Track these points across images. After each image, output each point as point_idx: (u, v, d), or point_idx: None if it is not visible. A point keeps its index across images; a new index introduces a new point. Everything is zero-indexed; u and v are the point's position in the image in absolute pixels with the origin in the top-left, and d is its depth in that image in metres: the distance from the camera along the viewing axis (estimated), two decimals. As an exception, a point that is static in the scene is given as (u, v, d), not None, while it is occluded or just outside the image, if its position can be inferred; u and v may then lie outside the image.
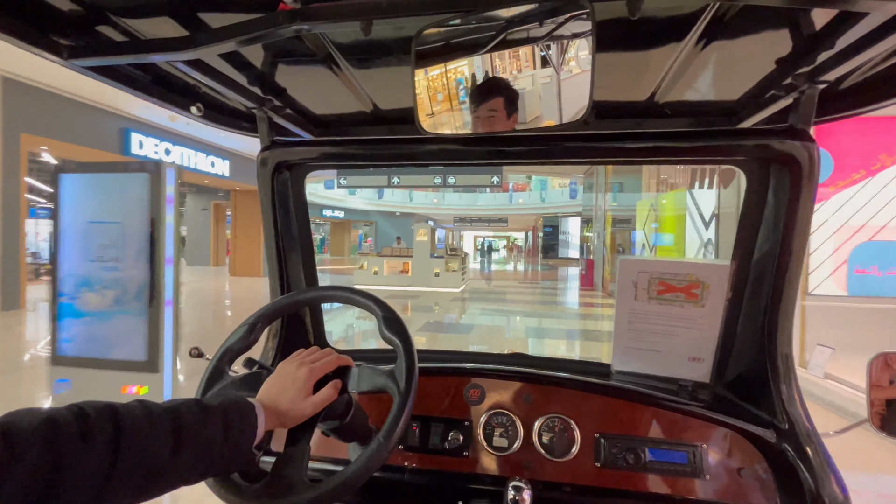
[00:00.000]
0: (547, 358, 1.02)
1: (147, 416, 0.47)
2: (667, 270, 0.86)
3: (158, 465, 0.45)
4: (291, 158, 0.92)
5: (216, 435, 0.51)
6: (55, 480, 0.38)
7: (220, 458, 0.51)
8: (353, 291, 0.74)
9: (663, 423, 0.82)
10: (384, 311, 0.70)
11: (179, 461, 0.47)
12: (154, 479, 0.45)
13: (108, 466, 0.41)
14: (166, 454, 0.46)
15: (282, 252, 0.99)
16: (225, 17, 0.62)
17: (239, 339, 0.71)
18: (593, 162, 0.89)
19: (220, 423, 0.51)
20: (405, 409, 0.59)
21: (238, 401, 0.56)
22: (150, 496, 0.46)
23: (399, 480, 0.84)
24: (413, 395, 0.61)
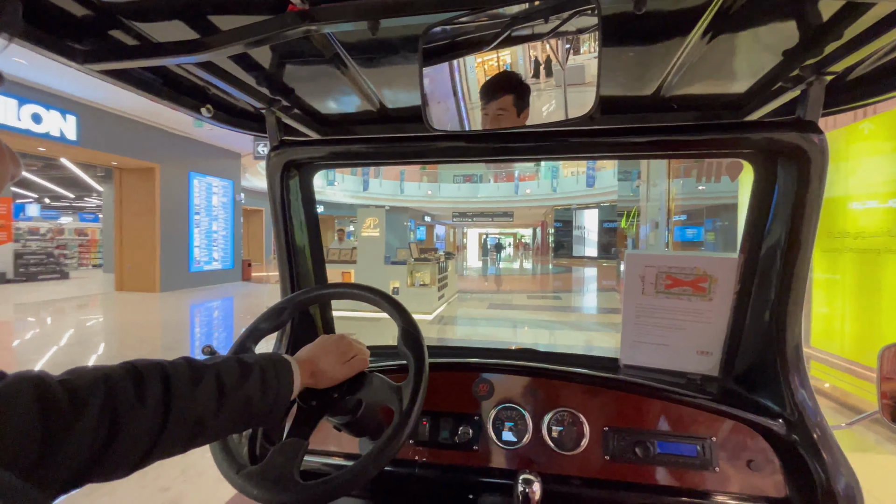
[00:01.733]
0: (555, 353, 1.04)
1: (193, 375, 0.50)
2: (674, 264, 0.87)
3: (204, 421, 0.49)
4: (300, 158, 0.94)
5: (255, 390, 0.54)
6: (112, 435, 0.41)
7: (260, 411, 0.55)
8: (381, 295, 0.76)
9: (672, 417, 0.83)
10: (405, 324, 0.72)
11: (223, 416, 0.51)
12: (200, 433, 0.49)
13: (160, 423, 0.45)
14: (211, 410, 0.50)
15: (291, 250, 1.01)
16: (234, 19, 0.63)
17: (267, 320, 0.75)
18: (600, 157, 0.90)
19: (259, 379, 0.55)
20: (401, 431, 0.60)
21: (275, 357, 0.60)
22: (195, 446, 0.50)
23: (409, 475, 0.86)
24: (414, 418, 0.62)
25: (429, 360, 0.68)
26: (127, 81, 0.74)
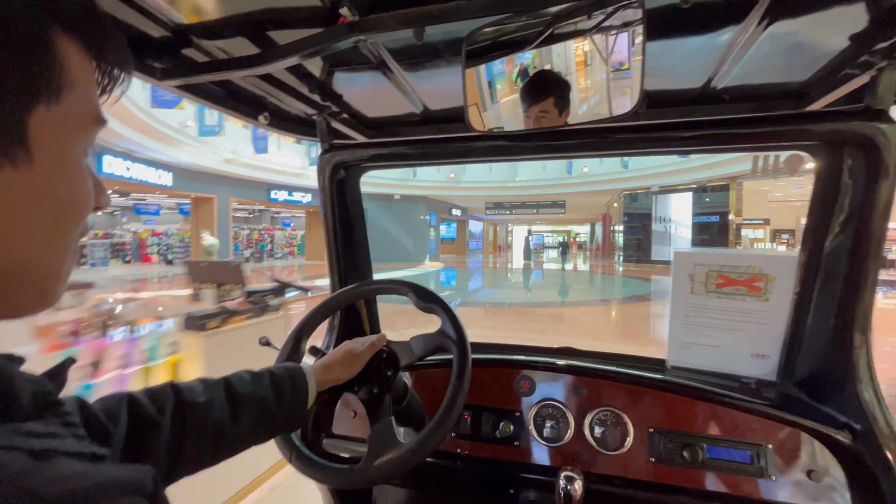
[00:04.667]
0: (597, 352, 1.03)
1: (203, 386, 0.55)
2: (726, 263, 0.84)
3: (223, 427, 0.53)
4: (348, 160, 1.00)
5: (268, 396, 0.59)
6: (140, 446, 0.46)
7: (279, 416, 0.59)
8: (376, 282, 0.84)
9: (723, 421, 0.81)
10: (412, 287, 0.78)
11: (242, 422, 0.55)
12: (224, 441, 0.53)
13: (180, 433, 0.49)
14: (227, 416, 0.54)
15: (339, 247, 1.07)
16: (290, 33, 0.69)
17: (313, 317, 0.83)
18: (646, 153, 0.89)
19: (269, 385, 0.60)
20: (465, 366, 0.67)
21: (286, 365, 0.65)
22: (224, 455, 0.54)
23: (452, 466, 0.89)
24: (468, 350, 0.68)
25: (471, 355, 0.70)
26: (196, 94, 0.82)
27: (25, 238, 0.25)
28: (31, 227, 0.25)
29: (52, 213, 0.26)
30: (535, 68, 0.76)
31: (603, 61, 0.72)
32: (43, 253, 0.27)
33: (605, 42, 0.71)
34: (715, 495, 0.77)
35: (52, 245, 0.27)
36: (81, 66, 0.27)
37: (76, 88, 0.26)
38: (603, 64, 0.72)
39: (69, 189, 0.27)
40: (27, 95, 0.24)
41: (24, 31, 0.23)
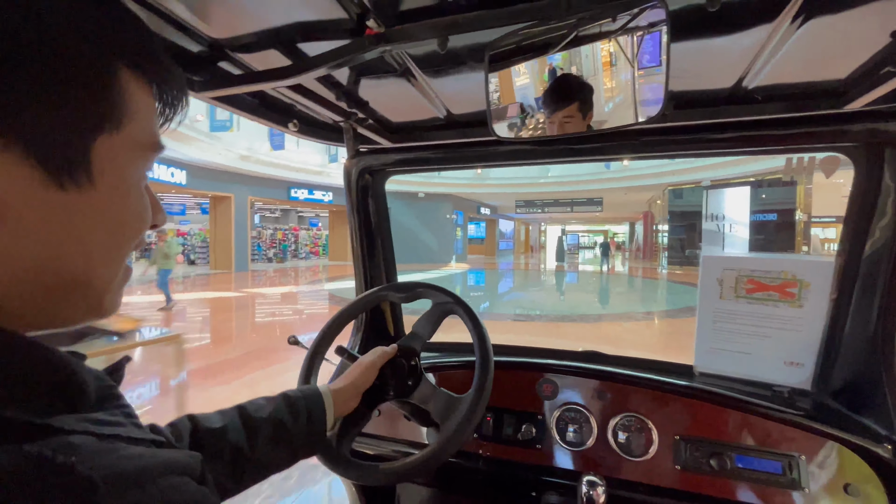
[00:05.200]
0: (622, 357, 1.08)
1: (219, 414, 0.61)
2: (757, 268, 0.88)
3: (242, 450, 0.58)
4: (374, 165, 1.09)
5: (284, 418, 0.63)
6: None
7: (297, 438, 0.64)
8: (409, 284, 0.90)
9: (754, 430, 0.84)
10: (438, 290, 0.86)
11: (260, 443, 0.59)
12: (244, 464, 0.57)
13: None
14: (243, 441, 0.58)
15: (365, 250, 1.17)
16: (318, 45, 0.78)
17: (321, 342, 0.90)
18: (673, 155, 0.93)
19: (285, 407, 0.65)
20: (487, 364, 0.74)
21: (303, 387, 0.71)
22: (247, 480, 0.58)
23: (474, 468, 0.96)
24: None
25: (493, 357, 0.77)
26: (231, 104, 0.93)
27: (85, 254, 0.30)
28: (90, 243, 0.30)
29: (109, 232, 0.31)
30: (558, 72, 0.82)
31: (628, 64, 0.77)
32: (100, 267, 0.31)
33: (629, 44, 0.76)
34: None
35: (108, 260, 0.32)
36: (141, 97, 0.31)
37: (136, 118, 0.31)
38: (628, 66, 0.77)
39: (127, 209, 0.32)
40: (92, 125, 0.28)
41: (91, 67, 0.28)
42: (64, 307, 0.30)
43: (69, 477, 0.22)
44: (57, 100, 0.26)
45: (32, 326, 0.29)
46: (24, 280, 0.27)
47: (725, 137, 0.88)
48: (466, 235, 26.20)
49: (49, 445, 0.23)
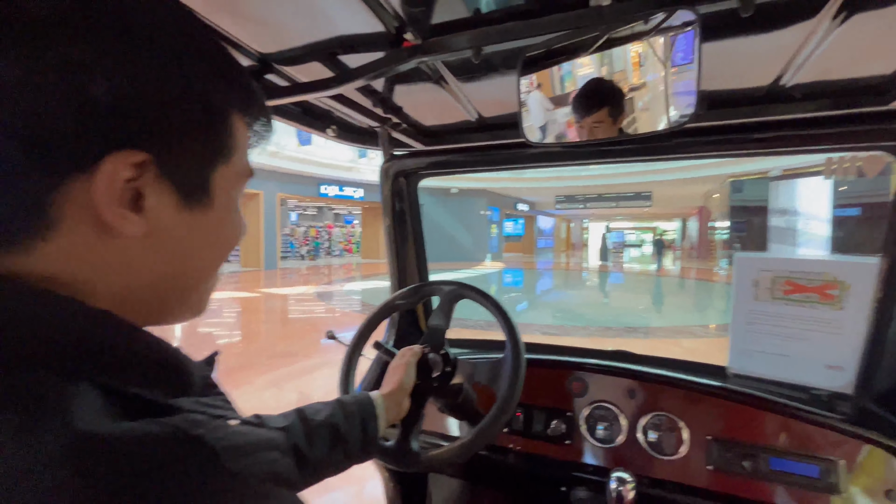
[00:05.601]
0: (652, 357, 1.13)
1: (281, 416, 0.68)
2: (796, 269, 0.91)
3: (302, 452, 0.61)
4: (407, 167, 1.19)
5: (339, 423, 0.69)
6: None
7: (353, 443, 0.70)
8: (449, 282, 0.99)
9: (790, 433, 0.88)
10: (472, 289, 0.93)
11: (317, 447, 0.65)
12: (303, 465, 0.63)
13: None
14: (304, 441, 0.64)
15: (400, 250, 1.27)
16: (359, 56, 0.88)
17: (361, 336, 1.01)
18: (708, 156, 0.98)
19: (340, 411, 0.72)
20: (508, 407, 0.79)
21: (356, 394, 0.79)
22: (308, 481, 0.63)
23: (504, 462, 1.04)
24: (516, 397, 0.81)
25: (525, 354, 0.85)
26: (275, 113, 1.04)
27: (199, 264, 0.38)
28: (204, 255, 0.38)
29: (218, 245, 0.39)
30: (588, 76, 0.88)
31: (659, 66, 0.83)
32: (206, 274, 0.40)
33: (661, 46, 0.81)
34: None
35: (213, 268, 0.40)
36: (242, 133, 0.39)
37: (238, 151, 0.39)
38: (659, 68, 0.82)
39: (232, 226, 0.40)
40: (212, 159, 0.36)
41: (215, 115, 0.36)
42: (174, 308, 0.38)
43: (199, 446, 0.28)
44: (192, 140, 0.34)
45: (146, 323, 0.35)
46: (153, 285, 0.35)
47: (763, 137, 0.91)
48: (502, 232, 26.09)
49: (181, 420, 0.29)
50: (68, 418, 0.24)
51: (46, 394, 0.25)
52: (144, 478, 0.24)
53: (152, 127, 0.31)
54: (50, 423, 0.24)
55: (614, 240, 31.03)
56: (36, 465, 0.22)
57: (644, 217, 35.98)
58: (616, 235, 32.50)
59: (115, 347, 0.30)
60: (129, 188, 0.30)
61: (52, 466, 0.22)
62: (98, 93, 0.28)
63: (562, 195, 22.72)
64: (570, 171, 18.70)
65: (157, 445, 0.26)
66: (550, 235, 37.46)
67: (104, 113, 0.28)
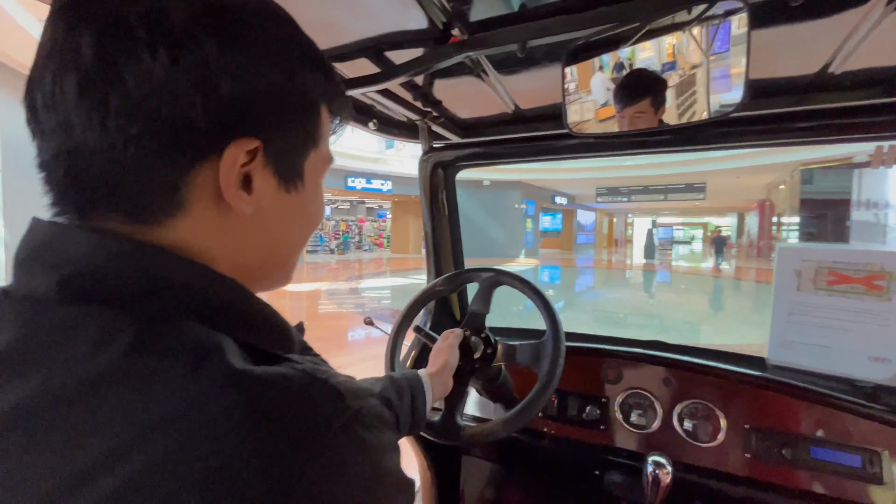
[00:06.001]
0: (687, 346, 1.18)
1: None
2: (840, 259, 0.95)
3: None
4: (446, 159, 1.29)
5: (392, 397, 0.76)
6: None
7: (402, 417, 0.78)
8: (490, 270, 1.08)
9: (832, 424, 0.92)
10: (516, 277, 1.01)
11: None
12: None
13: None
14: None
15: (437, 239, 1.38)
16: (403, 52, 0.96)
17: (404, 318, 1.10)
18: (750, 146, 1.02)
19: (391, 386, 0.80)
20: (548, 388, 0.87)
21: (405, 371, 0.89)
22: None
23: (538, 445, 1.13)
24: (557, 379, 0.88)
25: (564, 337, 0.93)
26: None
27: (292, 240, 0.45)
28: (296, 233, 0.45)
29: (306, 224, 0.46)
30: (631, 66, 0.93)
31: (703, 54, 0.87)
32: (294, 248, 0.46)
33: (706, 35, 0.85)
34: (819, 497, 0.89)
35: (299, 243, 0.47)
36: (327, 123, 0.45)
37: (324, 139, 0.45)
38: (704, 57, 0.87)
39: (317, 206, 0.47)
40: (307, 145, 0.42)
41: (310, 107, 0.42)
42: (270, 278, 0.46)
43: (326, 385, 0.33)
44: (292, 129, 0.40)
45: None
46: (258, 257, 0.42)
47: (809, 126, 0.94)
48: (538, 227, 25.83)
49: (307, 366, 0.35)
50: (225, 359, 0.31)
51: (205, 340, 0.32)
52: (290, 404, 0.31)
53: (264, 117, 0.37)
54: (213, 361, 0.30)
55: (662, 236, 30.34)
56: (211, 390, 0.29)
57: (694, 212, 34.81)
58: (664, 231, 31.73)
59: (243, 309, 0.37)
60: (242, 172, 0.37)
61: (222, 392, 0.29)
62: (225, 89, 0.34)
63: (603, 187, 22.06)
64: (613, 161, 17.58)
65: (295, 382, 0.32)
66: (591, 231, 36.94)
67: (229, 106, 0.34)
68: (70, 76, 0.31)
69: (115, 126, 0.32)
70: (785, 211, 18.08)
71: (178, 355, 0.30)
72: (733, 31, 0.77)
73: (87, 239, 0.33)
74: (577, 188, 24.17)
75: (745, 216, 29.22)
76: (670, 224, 37.26)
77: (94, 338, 0.30)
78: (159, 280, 0.33)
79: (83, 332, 0.30)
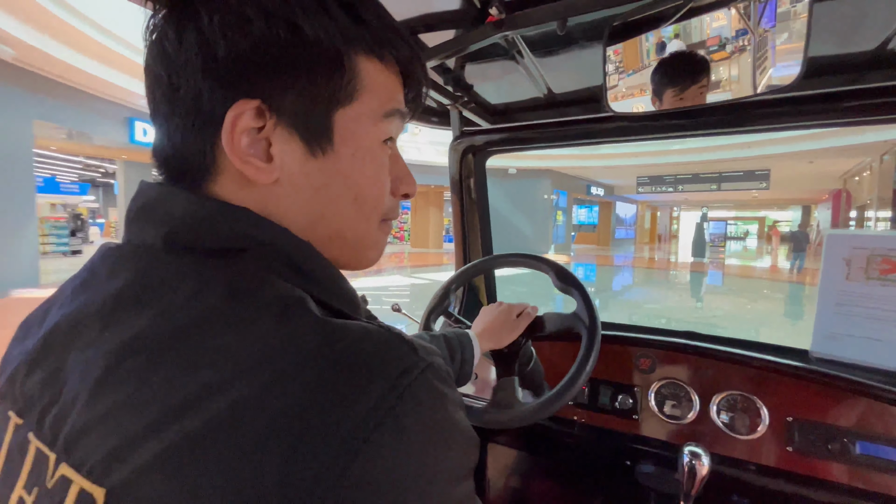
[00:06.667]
0: (723, 338, 1.23)
1: None
2: (893, 246, 0.99)
3: None
4: (477, 144, 1.38)
5: (445, 356, 0.92)
6: None
7: (452, 371, 0.90)
8: (524, 256, 1.15)
9: (882, 418, 0.96)
10: (555, 267, 1.07)
11: None
12: None
13: None
14: None
15: (466, 225, 1.47)
16: (438, 35, 1.00)
17: (438, 303, 1.18)
18: (803, 126, 1.06)
19: (445, 347, 0.94)
20: (594, 338, 0.94)
21: (456, 330, 1.00)
22: None
23: (569, 433, 1.20)
24: (599, 328, 0.96)
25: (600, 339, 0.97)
26: None
27: (336, 212, 0.44)
28: (338, 203, 0.44)
29: (352, 194, 0.45)
30: (676, 44, 0.97)
31: (753, 31, 0.86)
32: (350, 225, 0.46)
33: (754, 10, 0.87)
34: (866, 494, 0.93)
35: (357, 219, 0.46)
36: (377, 76, 0.44)
37: (370, 93, 0.43)
38: (753, 34, 0.86)
39: (363, 174, 0.45)
40: (333, 100, 0.41)
41: (328, 57, 0.40)
42: (335, 254, 0.46)
43: (402, 340, 0.37)
44: (306, 83, 0.40)
45: None
46: (308, 232, 0.43)
47: (864, 104, 0.97)
48: (571, 220, 25.40)
49: (382, 323, 0.40)
50: (309, 310, 0.36)
51: (287, 292, 0.37)
52: (373, 354, 0.34)
53: (263, 76, 0.39)
54: (299, 311, 0.36)
55: (713, 231, 29.09)
56: (298, 332, 0.34)
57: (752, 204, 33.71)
58: (716, 226, 30.01)
59: (317, 270, 0.42)
60: (259, 139, 0.40)
61: (309, 337, 0.34)
62: (221, 52, 0.37)
63: (645, 176, 20.85)
64: (657, 146, 16.84)
65: (375, 334, 0.36)
66: (631, 225, 36.60)
67: (225, 69, 0.38)
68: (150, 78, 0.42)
69: (164, 112, 0.41)
70: (871, 202, 16.32)
71: (267, 304, 0.35)
72: (786, 5, 0.81)
73: (186, 199, 0.40)
74: (615, 177, 23.48)
75: (814, 209, 28.32)
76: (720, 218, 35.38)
77: (194, 285, 0.36)
78: (247, 238, 0.39)
79: (186, 278, 0.37)
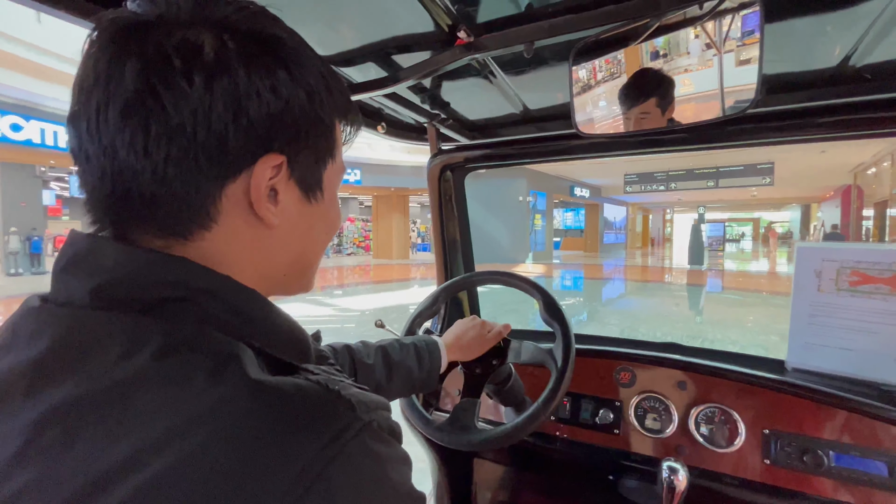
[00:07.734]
0: (704, 349, 1.40)
1: (367, 349, 1.04)
2: (863, 259, 1.18)
3: (381, 387, 1.01)
4: (455, 161, 1.54)
5: (413, 364, 1.07)
6: None
7: (418, 381, 1.07)
8: (517, 277, 1.29)
9: (856, 429, 1.12)
10: (545, 297, 1.21)
11: (393, 382, 1.04)
12: None
13: None
14: (384, 377, 1.02)
15: (446, 242, 1.63)
16: (411, 56, 1.11)
17: (426, 308, 1.32)
18: (767, 143, 1.25)
19: (415, 355, 1.08)
20: (562, 383, 1.08)
21: (426, 338, 1.14)
22: None
23: (551, 449, 1.35)
24: (570, 372, 1.10)
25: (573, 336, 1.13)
26: None
27: (315, 247, 0.57)
28: (318, 240, 0.57)
29: (326, 231, 0.58)
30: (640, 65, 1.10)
31: (715, 50, 0.99)
32: (316, 255, 0.59)
33: (718, 30, 0.97)
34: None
35: (321, 250, 0.59)
36: (340, 136, 0.57)
37: (338, 150, 0.57)
38: (714, 53, 0.99)
39: (335, 214, 0.59)
40: (325, 158, 0.54)
41: (328, 124, 0.53)
42: (293, 285, 0.58)
43: (339, 397, 0.41)
44: (312, 146, 0.51)
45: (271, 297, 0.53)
46: (283, 266, 0.54)
47: (828, 122, 1.13)
48: (551, 225, 25.52)
49: (321, 378, 0.44)
50: (243, 368, 0.39)
51: (223, 348, 0.41)
52: (304, 416, 0.38)
53: (288, 135, 0.47)
54: (231, 369, 0.39)
55: (711, 234, 29.73)
56: (231, 396, 0.37)
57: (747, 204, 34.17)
58: (713, 228, 30.73)
59: (262, 318, 0.47)
60: (269, 186, 0.47)
61: (240, 398, 0.37)
62: (254, 111, 0.44)
63: (633, 174, 21.10)
64: None
65: (309, 393, 0.40)
66: (621, 229, 37.40)
67: (258, 126, 0.44)
68: (114, 105, 0.40)
69: (156, 149, 0.41)
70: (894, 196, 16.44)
71: (200, 362, 0.39)
72: (747, 25, 0.92)
73: (120, 250, 0.44)
74: (602, 177, 24.16)
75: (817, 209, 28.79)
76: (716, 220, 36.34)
77: (124, 344, 0.39)
78: (187, 287, 0.43)
79: (115, 338, 0.40)
